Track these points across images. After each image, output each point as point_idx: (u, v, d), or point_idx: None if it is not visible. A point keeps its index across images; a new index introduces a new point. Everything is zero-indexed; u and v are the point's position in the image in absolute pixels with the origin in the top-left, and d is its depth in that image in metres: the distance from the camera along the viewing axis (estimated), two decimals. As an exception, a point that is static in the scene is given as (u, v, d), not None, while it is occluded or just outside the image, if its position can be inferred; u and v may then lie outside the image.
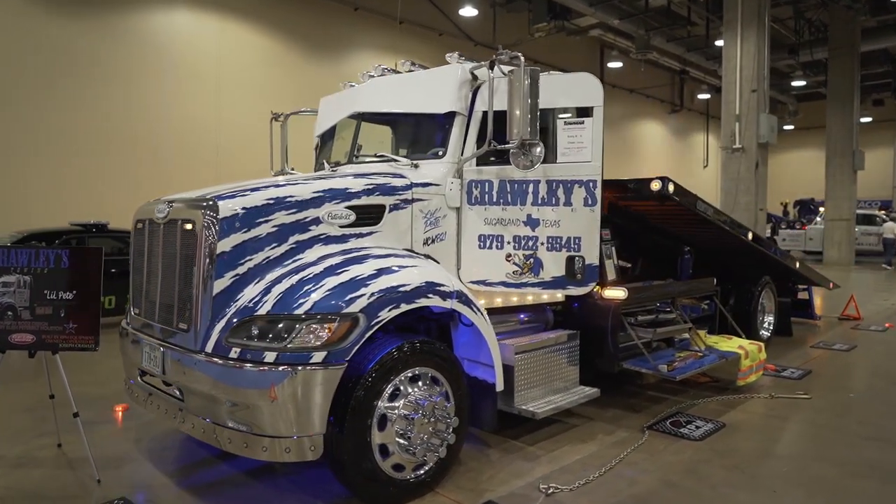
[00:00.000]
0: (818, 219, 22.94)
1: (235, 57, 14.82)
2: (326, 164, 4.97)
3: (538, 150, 3.87)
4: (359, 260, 3.53)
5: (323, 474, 3.81)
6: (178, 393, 3.58)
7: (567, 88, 4.17)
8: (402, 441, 3.46)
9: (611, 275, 5.10)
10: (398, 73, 4.98)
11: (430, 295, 3.60)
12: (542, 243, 4.17)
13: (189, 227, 3.50)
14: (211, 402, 3.33)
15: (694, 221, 6.37)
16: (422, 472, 3.62)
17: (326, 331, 3.20)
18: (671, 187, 5.39)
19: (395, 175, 4.10)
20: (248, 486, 3.87)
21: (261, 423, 3.18)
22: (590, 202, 4.08)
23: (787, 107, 29.39)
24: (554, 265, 4.16)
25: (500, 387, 4.06)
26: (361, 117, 4.82)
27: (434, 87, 4.41)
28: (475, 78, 4.33)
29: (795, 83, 26.29)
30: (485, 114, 4.16)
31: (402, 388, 3.50)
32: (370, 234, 3.88)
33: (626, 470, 4.09)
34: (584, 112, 4.11)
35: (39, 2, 11.63)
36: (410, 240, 4.06)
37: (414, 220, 4.07)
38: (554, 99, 4.16)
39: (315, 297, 3.25)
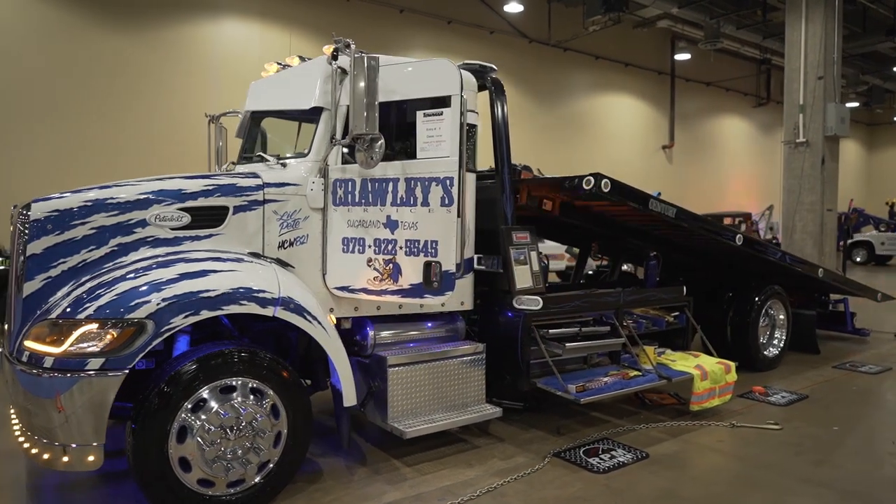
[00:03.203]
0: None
1: (278, 63, 15.24)
2: (231, 166, 4.89)
3: (378, 144, 3.54)
4: (167, 263, 3.37)
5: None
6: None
7: (422, 77, 3.78)
8: (204, 455, 3.26)
9: (525, 282, 4.62)
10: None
11: (244, 301, 3.38)
12: (401, 247, 3.81)
13: (12, 229, 3.51)
14: (16, 405, 3.30)
15: (666, 224, 5.70)
16: (239, 489, 3.40)
17: (108, 336, 3.07)
18: (605, 185, 4.82)
19: (245, 175, 3.90)
20: (95, 489, 3.82)
21: (45, 429, 3.10)
22: (447, 202, 3.67)
23: (897, 95, 26.25)
24: (412, 271, 3.79)
25: (349, 401, 3.77)
26: (252, 115, 4.68)
27: (302, 82, 4.17)
28: (345, 71, 4.05)
29: (900, 68, 23.40)
30: (347, 108, 3.89)
31: (209, 398, 3.30)
32: (209, 236, 3.71)
33: (489, 503, 3.65)
34: (442, 102, 3.71)
35: (94, 17, 12.51)
36: (262, 243, 3.85)
37: (266, 223, 3.86)
38: (409, 89, 3.79)
39: (102, 301, 3.13)
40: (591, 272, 8.80)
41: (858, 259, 21.99)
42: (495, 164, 4.76)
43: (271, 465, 3.49)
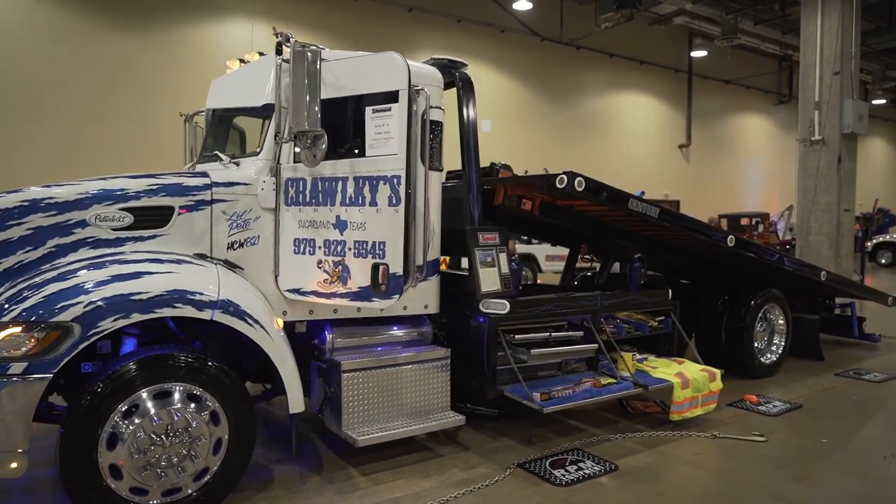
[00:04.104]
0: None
1: (284, 64, 15.24)
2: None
3: (321, 141, 3.41)
4: (100, 265, 3.28)
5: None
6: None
7: (369, 71, 3.64)
8: (136, 463, 3.16)
9: (491, 285, 4.44)
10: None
11: (178, 304, 3.27)
12: (350, 249, 3.68)
13: (-50, 229, 3.45)
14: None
15: (652, 224, 5.47)
16: (175, 497, 3.29)
17: (32, 340, 2.98)
18: (579, 183, 4.62)
19: (193, 175, 3.80)
20: (31, 494, 3.75)
21: (-29, 435, 3.03)
22: (394, 201, 3.53)
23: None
24: (361, 273, 3.65)
25: (294, 408, 3.65)
26: (214, 114, 4.59)
27: (256, 79, 4.06)
28: (297, 66, 3.92)
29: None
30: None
31: (143, 403, 3.20)
32: (153, 237, 3.61)
33: (436, 516, 3.50)
34: (392, 97, 3.56)
35: (99, 18, 12.65)
36: (210, 244, 3.74)
37: (214, 223, 3.74)
38: (358, 84, 3.65)
39: (27, 303, 3.04)
40: (589, 273, 8.55)
41: (883, 261, 21.25)
42: (462, 164, 4.60)
43: (208, 477, 3.37)
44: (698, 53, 22.12)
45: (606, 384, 4.62)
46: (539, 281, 13.35)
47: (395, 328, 4.47)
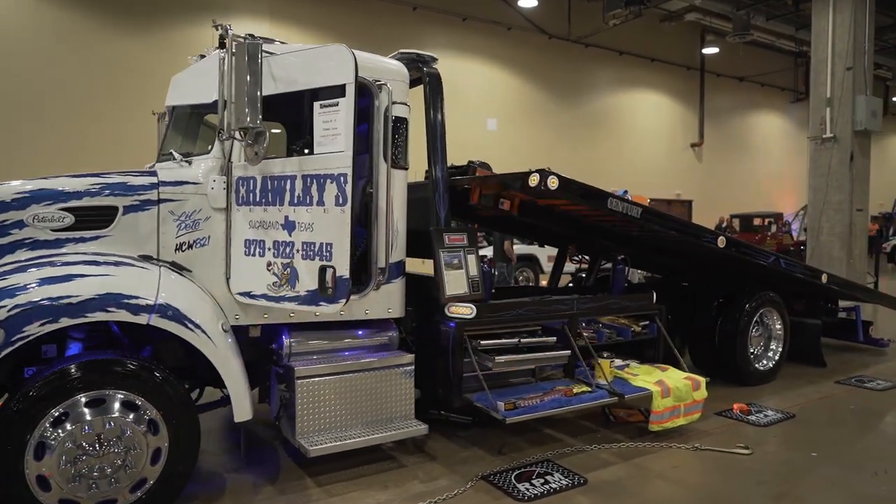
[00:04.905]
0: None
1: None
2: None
3: (262, 138, 3.26)
4: (31, 267, 3.16)
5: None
6: None
7: (316, 65, 3.48)
8: (65, 473, 3.03)
9: (457, 288, 4.25)
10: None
11: (112, 308, 3.14)
12: (298, 251, 3.52)
13: None
14: None
15: (638, 226, 5.25)
16: (110, 511, 3.16)
17: (-46, 346, 2.87)
18: (552, 182, 4.41)
19: (139, 173, 3.67)
20: None
21: None
22: (340, 201, 3.36)
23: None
24: (308, 277, 3.49)
25: (239, 416, 3.49)
26: (173, 111, 4.46)
27: (209, 75, 3.91)
28: (250, 60, 3.77)
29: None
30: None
31: (75, 410, 3.07)
32: (96, 238, 3.48)
33: (386, 531, 3.32)
34: (339, 92, 3.40)
35: (102, 19, 12.68)
36: (156, 245, 3.60)
37: (161, 223, 3.61)
38: (306, 78, 3.49)
39: (-50, 308, 2.93)
40: (583, 275, 8.32)
41: (903, 263, 20.64)
42: (428, 162, 4.42)
43: (146, 487, 3.23)
44: (710, 50, 21.69)
45: (579, 393, 4.41)
46: (542, 282, 13.11)
47: (360, 333, 4.30)
